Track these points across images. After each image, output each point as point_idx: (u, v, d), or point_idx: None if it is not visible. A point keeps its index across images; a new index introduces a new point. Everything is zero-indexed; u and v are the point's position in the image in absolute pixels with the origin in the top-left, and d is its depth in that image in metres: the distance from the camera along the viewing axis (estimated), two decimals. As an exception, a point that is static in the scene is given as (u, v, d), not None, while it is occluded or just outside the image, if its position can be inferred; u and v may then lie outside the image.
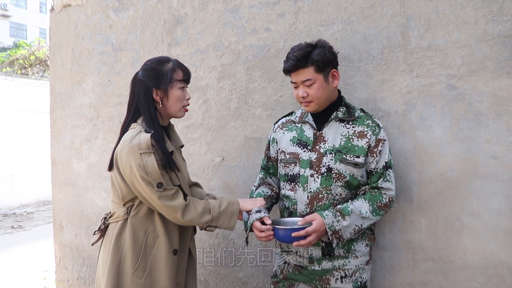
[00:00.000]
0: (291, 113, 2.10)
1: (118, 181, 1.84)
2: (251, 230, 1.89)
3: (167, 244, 1.84)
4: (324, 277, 1.88)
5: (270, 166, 2.12)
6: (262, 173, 2.15)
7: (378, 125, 1.89)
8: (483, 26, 1.85)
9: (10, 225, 8.44)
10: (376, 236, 2.06)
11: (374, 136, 1.85)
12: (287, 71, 1.86)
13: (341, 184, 1.85)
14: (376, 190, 1.86)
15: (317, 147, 1.88)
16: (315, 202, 1.86)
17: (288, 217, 1.94)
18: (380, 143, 1.86)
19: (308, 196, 1.87)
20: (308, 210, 1.87)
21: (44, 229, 7.97)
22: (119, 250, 1.83)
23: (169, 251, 1.84)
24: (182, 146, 2.09)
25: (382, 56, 2.08)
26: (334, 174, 1.85)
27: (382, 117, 2.08)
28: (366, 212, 1.81)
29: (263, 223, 1.85)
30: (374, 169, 1.86)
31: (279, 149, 2.01)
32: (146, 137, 1.74)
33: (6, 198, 10.57)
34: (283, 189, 2.00)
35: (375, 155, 1.85)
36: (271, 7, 2.35)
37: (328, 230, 1.74)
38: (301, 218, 1.81)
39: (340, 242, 1.79)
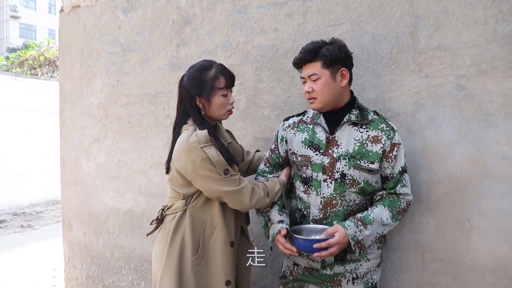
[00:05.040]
0: (303, 113, 2.04)
1: (178, 181, 1.90)
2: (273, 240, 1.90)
3: (224, 236, 1.89)
4: (335, 279, 1.86)
5: (281, 164, 2.08)
6: (270, 169, 2.10)
7: (393, 128, 1.83)
8: (493, 25, 1.84)
9: (20, 224, 8.50)
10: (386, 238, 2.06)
11: (389, 141, 1.79)
12: (295, 64, 1.85)
13: (355, 190, 1.81)
14: (394, 195, 1.82)
15: (329, 151, 1.83)
16: (328, 207, 1.83)
17: (300, 219, 1.92)
18: (395, 147, 1.80)
19: (321, 202, 1.84)
20: (321, 216, 1.84)
21: (53, 228, 8.02)
22: (179, 239, 1.88)
23: (226, 243, 1.89)
24: (229, 143, 2.10)
25: (391, 56, 2.08)
26: (348, 180, 1.80)
27: (390, 117, 2.07)
28: (387, 219, 1.77)
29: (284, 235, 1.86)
30: (389, 174, 1.82)
31: (290, 149, 1.97)
32: (203, 132, 1.82)
33: (16, 197, 10.66)
34: (297, 189, 1.95)
35: (390, 160, 1.80)
36: (280, 8, 2.36)
37: (351, 241, 1.70)
38: (322, 226, 1.80)
39: (362, 251, 1.76)
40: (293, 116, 2.06)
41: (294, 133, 1.96)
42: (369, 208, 1.81)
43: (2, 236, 7.47)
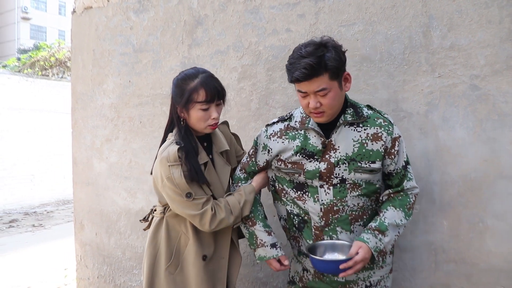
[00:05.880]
0: (289, 117, 1.84)
1: (156, 187, 1.90)
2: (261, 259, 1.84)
3: (195, 248, 1.86)
4: (347, 286, 1.79)
5: (256, 172, 1.95)
6: (245, 176, 1.97)
7: (390, 122, 1.73)
8: (508, 25, 1.83)
9: (31, 224, 8.58)
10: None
11: (389, 136, 1.70)
12: (297, 81, 1.59)
13: (357, 193, 1.71)
14: (401, 193, 1.75)
15: (326, 156, 1.70)
16: (330, 214, 1.73)
17: (300, 224, 1.83)
18: (396, 142, 1.71)
19: (321, 209, 1.73)
20: (323, 223, 1.74)
21: (64, 227, 8.10)
22: (156, 245, 1.92)
23: (197, 256, 1.85)
24: (224, 151, 2.01)
25: (404, 56, 2.07)
26: (348, 185, 1.70)
27: (403, 118, 2.07)
28: (401, 220, 1.70)
29: (279, 261, 1.82)
30: (393, 170, 1.74)
31: (278, 157, 1.81)
32: (174, 149, 1.77)
33: (27, 197, 10.77)
34: (288, 194, 1.83)
35: (393, 156, 1.71)
36: (292, 8, 2.36)
37: (374, 253, 1.63)
38: (338, 242, 1.72)
39: (384, 258, 1.76)
40: (277, 122, 1.87)
41: (283, 142, 1.79)
42: (380, 213, 1.73)
43: (14, 235, 7.56)
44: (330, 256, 1.71)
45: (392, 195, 1.77)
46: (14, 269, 5.46)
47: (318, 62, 1.53)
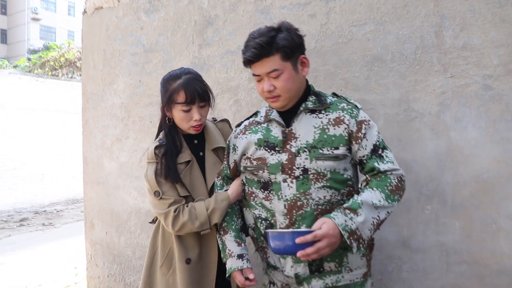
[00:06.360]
0: (255, 114, 1.83)
1: None
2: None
3: (178, 252, 1.88)
4: None
5: (229, 176, 1.87)
6: (220, 182, 1.90)
7: (356, 106, 1.64)
8: (522, 25, 1.81)
9: (41, 223, 8.67)
10: (405, 239, 2.04)
11: (353, 119, 1.58)
12: (248, 61, 1.56)
13: (323, 184, 1.56)
14: (379, 174, 1.57)
15: (288, 146, 1.60)
16: (294, 211, 1.57)
17: (266, 230, 1.64)
18: (363, 125, 1.58)
19: (285, 205, 1.58)
20: (287, 222, 1.58)
21: (73, 227, 8.17)
22: (154, 246, 2.00)
23: (181, 259, 1.88)
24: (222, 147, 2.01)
25: (415, 56, 2.06)
26: (311, 175, 1.56)
27: (415, 118, 2.05)
28: (379, 201, 1.49)
29: (246, 273, 1.67)
30: (363, 156, 1.58)
31: (245, 155, 1.72)
32: (151, 147, 1.90)
33: (37, 196, 10.87)
34: (256, 196, 1.70)
35: (360, 140, 1.57)
36: (302, 8, 2.35)
37: (343, 232, 1.41)
38: (306, 229, 1.48)
39: (362, 245, 1.46)
40: (244, 120, 1.84)
41: (246, 137, 1.73)
42: (355, 195, 1.54)
43: (25, 234, 7.64)
44: None
45: (369, 178, 1.61)
46: (25, 267, 5.51)
47: (269, 41, 1.51)
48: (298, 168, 1.57)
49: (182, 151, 1.92)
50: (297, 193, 1.57)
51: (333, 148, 1.56)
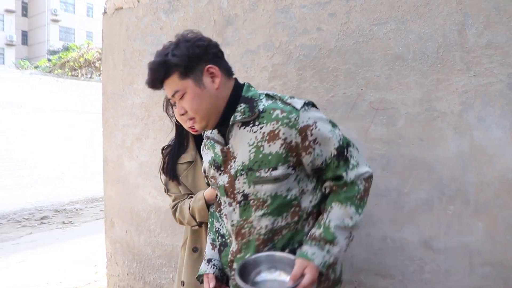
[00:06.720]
0: None
1: None
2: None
3: (189, 240, 2.08)
4: None
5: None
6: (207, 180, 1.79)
7: (294, 108, 1.38)
8: (548, 22, 1.78)
9: (61, 221, 8.79)
10: (427, 240, 2.02)
11: (293, 130, 1.35)
12: (150, 87, 1.41)
13: (263, 212, 1.42)
14: (345, 186, 1.44)
15: (228, 167, 1.45)
16: (239, 238, 1.48)
17: (220, 247, 1.63)
18: (307, 131, 1.36)
19: (233, 230, 1.50)
20: (237, 247, 1.50)
21: (93, 225, 8.27)
22: (186, 231, 2.17)
23: (189, 247, 2.07)
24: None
25: (438, 55, 2.03)
26: (252, 201, 1.43)
27: (437, 118, 2.03)
28: (351, 218, 1.41)
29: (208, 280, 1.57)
30: (321, 163, 1.41)
31: (205, 172, 1.62)
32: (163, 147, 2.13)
33: (58, 194, 11.03)
34: (221, 210, 1.62)
35: (311, 148, 1.37)
36: (323, 7, 2.34)
37: (322, 270, 1.36)
38: (279, 253, 1.42)
39: (333, 268, 1.50)
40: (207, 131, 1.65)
41: (206, 153, 1.61)
42: (324, 213, 1.44)
43: (45, 232, 7.76)
44: (268, 275, 1.40)
45: (334, 188, 1.47)
46: (46, 264, 5.60)
47: (162, 62, 1.34)
48: (239, 193, 1.45)
49: (186, 151, 2.03)
50: (241, 219, 1.47)
51: (271, 169, 1.38)
